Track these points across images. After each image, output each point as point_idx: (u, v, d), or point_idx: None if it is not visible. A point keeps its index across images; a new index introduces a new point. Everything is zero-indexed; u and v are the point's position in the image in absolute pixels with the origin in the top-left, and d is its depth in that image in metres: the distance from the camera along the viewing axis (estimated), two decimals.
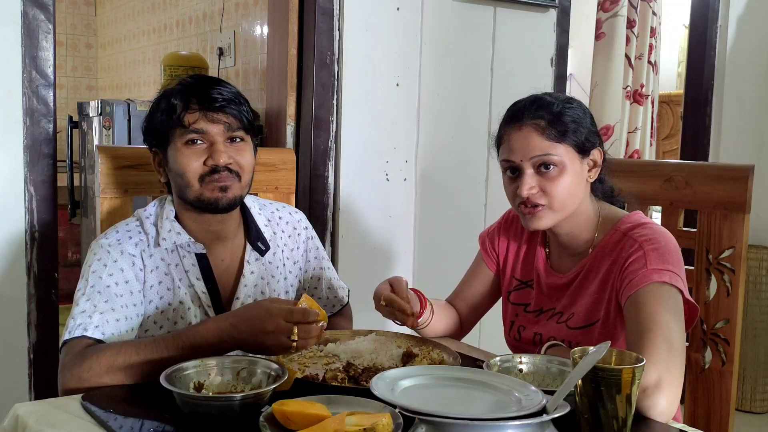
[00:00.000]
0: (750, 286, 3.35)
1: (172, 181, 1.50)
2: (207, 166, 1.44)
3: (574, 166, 1.46)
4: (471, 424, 0.98)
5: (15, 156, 2.03)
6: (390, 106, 2.58)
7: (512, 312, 1.64)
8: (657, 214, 2.15)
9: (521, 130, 1.46)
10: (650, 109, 3.65)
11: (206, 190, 1.45)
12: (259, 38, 3.73)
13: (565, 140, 1.45)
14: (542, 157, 1.44)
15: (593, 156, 1.49)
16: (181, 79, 1.50)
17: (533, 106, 1.47)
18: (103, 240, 1.47)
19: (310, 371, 1.33)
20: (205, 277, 1.51)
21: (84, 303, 1.38)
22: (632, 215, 1.51)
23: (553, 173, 1.44)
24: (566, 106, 1.47)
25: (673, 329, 1.30)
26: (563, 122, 1.45)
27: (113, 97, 5.63)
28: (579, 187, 1.48)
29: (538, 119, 1.45)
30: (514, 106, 1.52)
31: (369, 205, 2.56)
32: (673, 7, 4.74)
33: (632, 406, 1.08)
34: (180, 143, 1.44)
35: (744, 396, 3.46)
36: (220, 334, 1.29)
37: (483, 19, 2.74)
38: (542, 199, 1.46)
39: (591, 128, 1.49)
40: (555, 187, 1.44)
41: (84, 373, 1.27)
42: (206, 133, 1.44)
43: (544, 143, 1.44)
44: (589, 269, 1.50)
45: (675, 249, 1.42)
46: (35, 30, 2.03)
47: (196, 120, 1.43)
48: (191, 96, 1.44)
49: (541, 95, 1.51)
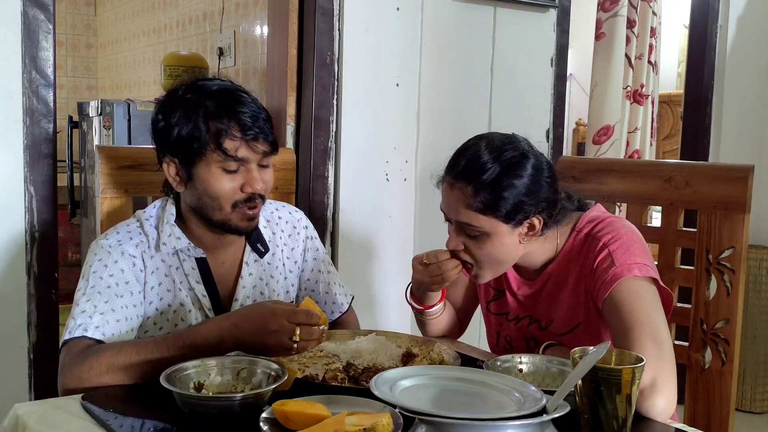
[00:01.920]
0: (750, 286, 3.35)
1: (192, 195, 1.46)
2: (243, 193, 1.42)
3: (501, 236, 1.39)
4: (471, 424, 0.98)
5: (15, 156, 2.03)
6: (390, 106, 2.58)
7: (495, 322, 1.62)
8: (657, 214, 2.15)
9: (452, 190, 1.40)
10: (650, 109, 3.65)
11: (236, 216, 1.44)
12: (259, 38, 3.73)
13: (491, 213, 1.36)
14: (465, 223, 1.39)
15: (529, 222, 1.40)
16: (209, 91, 1.42)
17: (468, 167, 1.37)
18: (104, 241, 1.47)
19: (310, 371, 1.33)
20: (204, 280, 1.50)
21: (84, 303, 1.38)
22: (589, 212, 1.48)
23: (478, 238, 1.40)
24: (506, 173, 1.35)
25: (656, 323, 1.29)
26: (494, 194, 1.35)
27: (113, 97, 5.63)
28: (507, 251, 1.41)
29: (466, 184, 1.36)
30: (457, 152, 1.43)
31: (369, 205, 2.56)
32: (673, 7, 4.75)
33: (632, 406, 1.08)
34: (215, 166, 1.40)
35: (744, 396, 3.46)
36: (221, 334, 1.29)
37: (483, 19, 2.74)
38: (468, 257, 1.44)
39: (533, 197, 1.37)
40: (479, 251, 1.41)
41: (84, 373, 1.27)
42: (245, 161, 1.42)
43: (466, 212, 1.38)
44: (558, 274, 1.48)
45: (638, 239, 1.41)
46: (35, 30, 2.03)
47: (237, 148, 1.39)
48: (232, 120, 1.39)
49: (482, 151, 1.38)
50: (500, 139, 1.41)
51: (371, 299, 2.59)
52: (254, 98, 1.45)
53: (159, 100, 1.49)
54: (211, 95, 1.42)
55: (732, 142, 3.48)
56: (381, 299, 2.63)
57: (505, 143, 1.40)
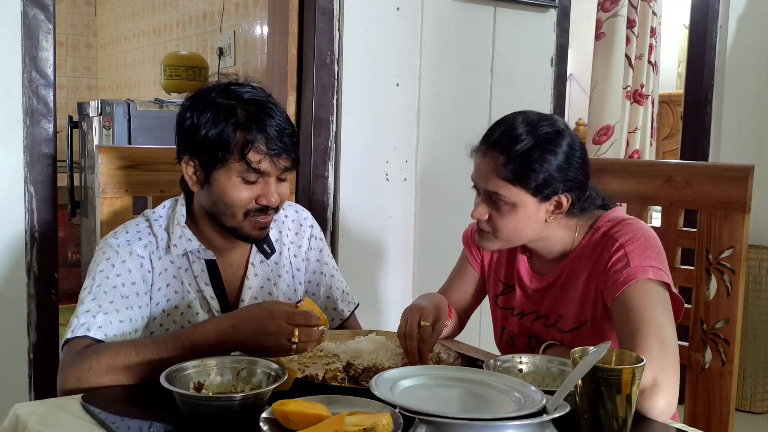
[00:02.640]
0: (750, 286, 3.35)
1: (207, 198, 1.45)
2: (257, 204, 1.42)
3: (527, 208, 1.40)
4: (471, 424, 0.98)
5: (15, 156, 2.03)
6: (390, 106, 2.58)
7: (501, 316, 1.63)
8: (657, 214, 2.15)
9: (484, 158, 1.42)
10: (650, 109, 3.65)
11: (247, 224, 1.44)
12: (259, 38, 3.73)
13: (519, 184, 1.38)
14: (493, 192, 1.41)
15: (557, 199, 1.41)
16: (241, 98, 1.41)
17: (503, 137, 1.39)
18: (113, 239, 1.46)
19: (310, 371, 1.33)
20: (213, 282, 1.50)
21: (89, 302, 1.38)
22: (610, 213, 1.48)
23: (503, 209, 1.41)
24: (538, 147, 1.37)
25: (664, 326, 1.29)
26: (524, 165, 1.36)
27: (113, 97, 5.63)
28: (530, 226, 1.43)
29: (500, 154, 1.38)
30: (493, 125, 1.45)
31: (369, 205, 2.56)
32: (673, 7, 4.74)
33: (632, 406, 1.08)
34: (235, 175, 1.40)
35: (744, 396, 3.46)
36: (220, 335, 1.29)
37: (483, 19, 2.74)
38: (488, 226, 1.45)
39: (563, 174, 1.39)
40: (500, 222, 1.42)
41: (83, 373, 1.27)
42: (266, 174, 1.41)
43: (496, 181, 1.39)
44: (570, 270, 1.48)
45: (655, 243, 1.41)
46: (35, 30, 2.03)
47: (260, 160, 1.38)
48: (260, 133, 1.38)
49: (518, 124, 1.40)
50: (538, 115, 1.44)
51: (371, 299, 2.59)
52: (282, 110, 1.44)
53: (190, 97, 1.46)
54: (243, 103, 1.40)
55: (732, 142, 3.48)
56: (381, 299, 2.63)
57: (542, 119, 1.43)
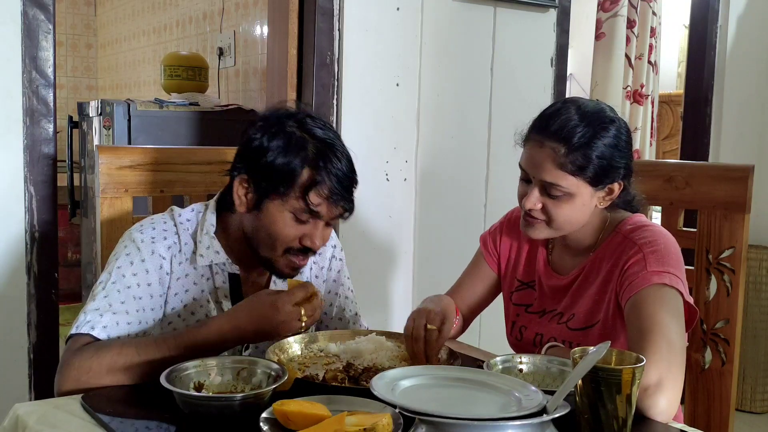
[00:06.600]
0: (750, 286, 3.35)
1: (251, 223, 1.41)
2: (300, 244, 1.40)
3: (582, 197, 1.42)
4: (471, 424, 0.98)
5: (15, 156, 2.03)
6: (390, 106, 2.58)
7: (514, 312, 1.64)
8: (657, 214, 2.15)
9: (540, 148, 1.41)
10: (650, 109, 3.65)
11: (283, 261, 1.41)
12: (259, 38, 3.73)
13: (580, 175, 1.40)
14: (551, 183, 1.41)
15: (611, 187, 1.45)
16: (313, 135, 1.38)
17: (561, 128, 1.39)
18: (137, 234, 1.42)
19: (310, 371, 1.33)
20: (233, 296, 1.47)
21: (100, 300, 1.36)
22: (633, 217, 1.50)
23: (559, 199, 1.42)
24: (597, 137, 1.39)
25: (674, 330, 1.30)
26: (585, 157, 1.38)
27: (113, 97, 5.64)
28: (584, 213, 1.46)
29: (560, 144, 1.39)
30: (546, 113, 1.45)
31: (369, 205, 2.56)
32: (673, 7, 4.74)
33: (632, 406, 1.08)
34: (288, 210, 1.37)
35: (744, 396, 3.46)
36: (223, 336, 1.30)
37: (483, 19, 2.74)
38: (542, 215, 1.45)
39: (618, 162, 1.42)
40: (557, 211, 1.43)
41: (83, 375, 1.27)
42: (319, 216, 1.39)
43: (556, 172, 1.40)
44: (589, 270, 1.50)
45: (675, 251, 1.42)
46: (35, 30, 2.03)
47: (320, 203, 1.36)
48: (327, 177, 1.36)
49: (576, 113, 1.41)
50: (590, 104, 1.45)
51: (371, 299, 2.59)
52: (348, 154, 1.42)
53: (263, 117, 1.43)
54: (315, 139, 1.38)
55: (732, 142, 3.48)
56: (381, 299, 2.63)
57: (596, 109, 1.44)
